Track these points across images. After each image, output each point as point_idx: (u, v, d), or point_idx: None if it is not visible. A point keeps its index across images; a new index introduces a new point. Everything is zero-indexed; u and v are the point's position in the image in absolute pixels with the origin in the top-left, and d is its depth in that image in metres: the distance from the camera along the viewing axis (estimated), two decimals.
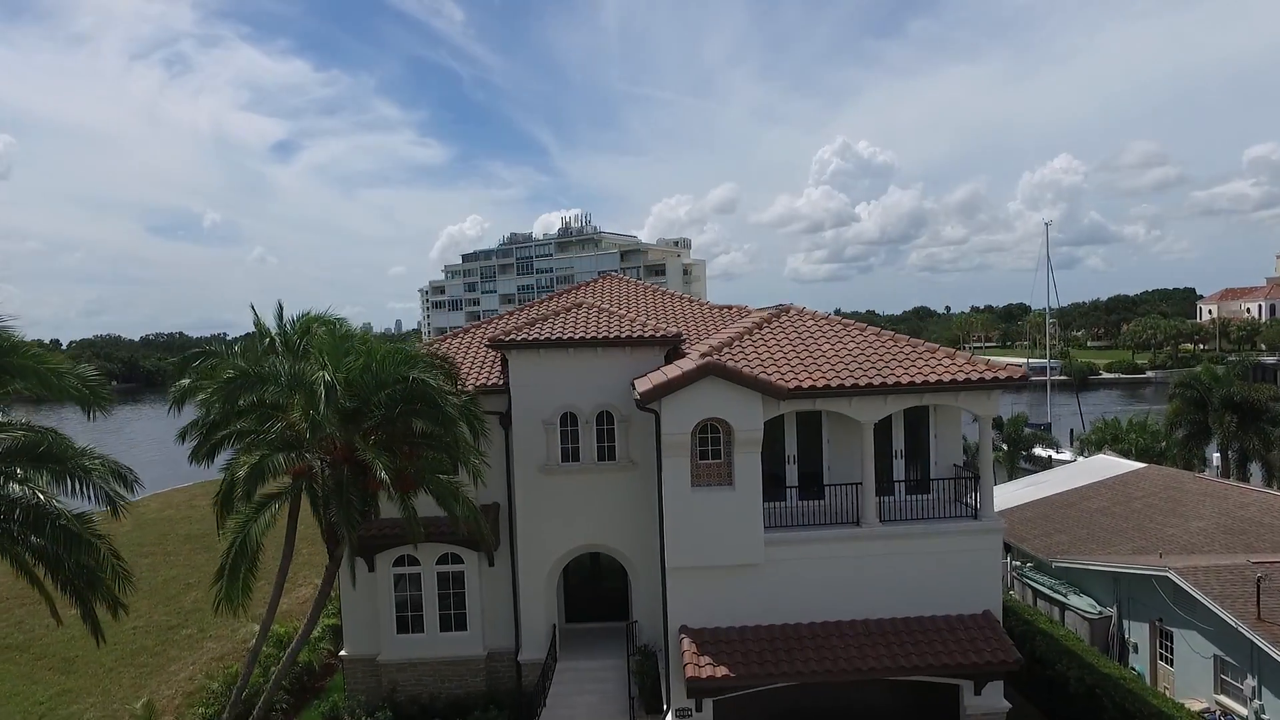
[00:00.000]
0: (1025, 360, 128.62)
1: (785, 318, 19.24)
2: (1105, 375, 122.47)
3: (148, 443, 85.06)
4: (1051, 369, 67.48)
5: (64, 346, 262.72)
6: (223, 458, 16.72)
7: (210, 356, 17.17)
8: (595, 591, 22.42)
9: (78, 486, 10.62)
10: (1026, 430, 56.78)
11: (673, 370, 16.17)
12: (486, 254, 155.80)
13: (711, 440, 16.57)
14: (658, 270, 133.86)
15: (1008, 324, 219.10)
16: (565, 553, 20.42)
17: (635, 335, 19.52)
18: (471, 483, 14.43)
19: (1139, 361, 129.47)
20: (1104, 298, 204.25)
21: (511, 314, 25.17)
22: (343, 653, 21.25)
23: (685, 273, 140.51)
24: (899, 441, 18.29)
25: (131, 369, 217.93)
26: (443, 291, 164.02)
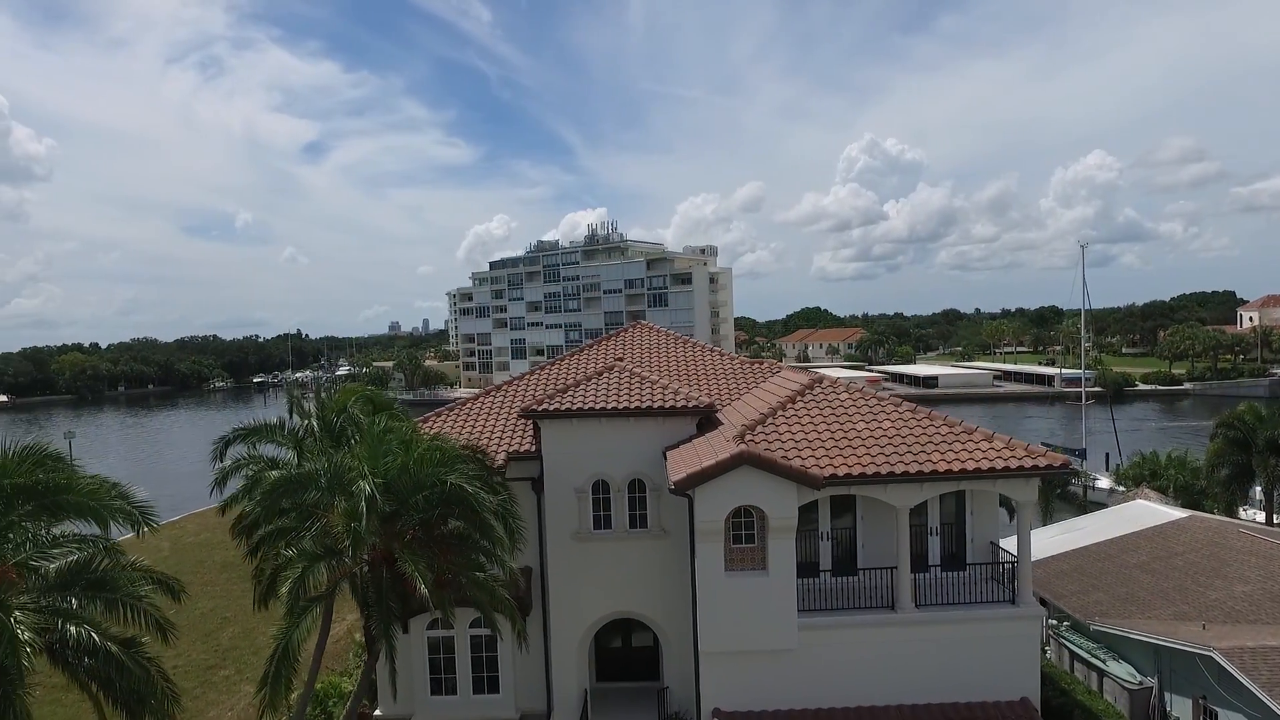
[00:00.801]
0: (1058, 370, 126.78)
1: (818, 389, 19.10)
2: (1141, 386, 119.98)
3: (186, 449, 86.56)
4: (1085, 379, 65.87)
5: (103, 347, 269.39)
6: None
7: (252, 435, 17.48)
8: (627, 651, 22.49)
9: (129, 614, 10.83)
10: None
11: (707, 459, 16.12)
12: (514, 261, 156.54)
13: (745, 524, 16.51)
14: (684, 279, 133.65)
15: (1039, 328, 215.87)
16: (598, 618, 20.50)
17: (667, 406, 19.52)
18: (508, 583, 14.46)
19: (1176, 372, 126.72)
20: (1140, 300, 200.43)
21: (544, 369, 25.28)
22: (377, 713, 21.51)
23: (711, 281, 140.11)
24: (934, 518, 18.11)
25: (167, 372, 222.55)
26: (470, 298, 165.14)
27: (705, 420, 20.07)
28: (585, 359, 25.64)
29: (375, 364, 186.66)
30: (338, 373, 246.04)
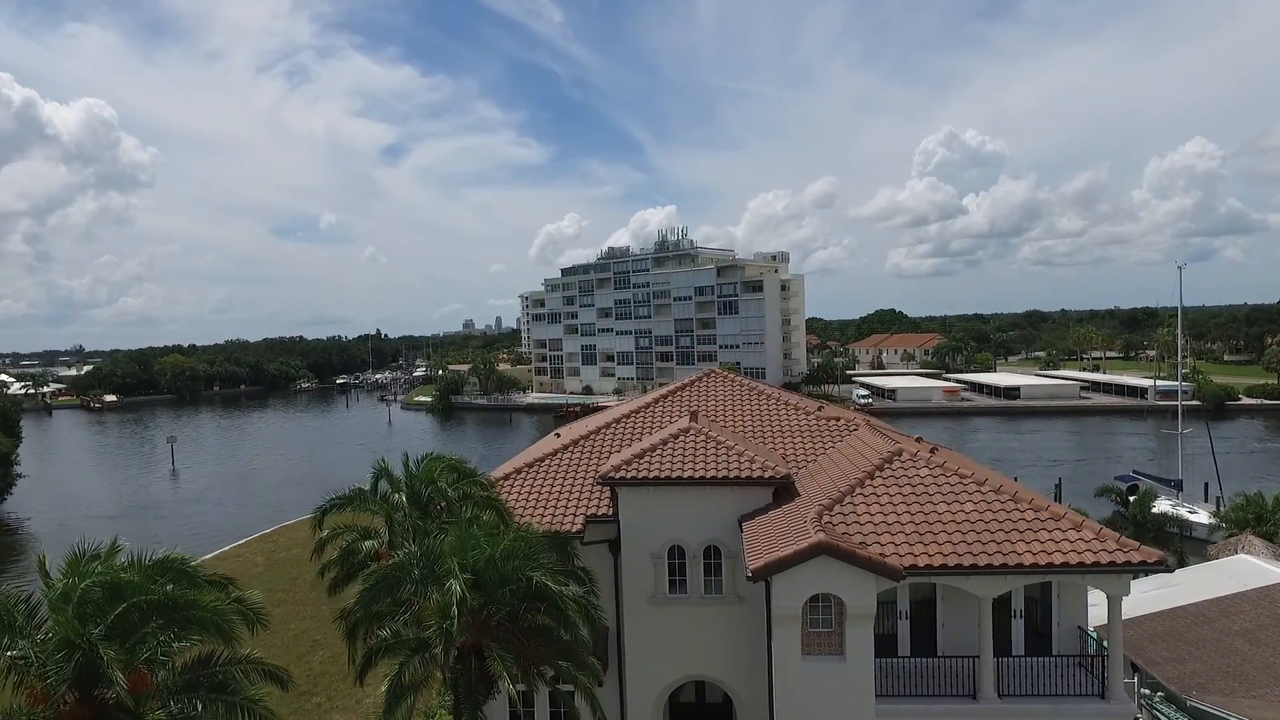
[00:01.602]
0: (1153, 381, 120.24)
1: (897, 464, 18.85)
2: (1245, 400, 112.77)
3: (277, 454, 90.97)
4: (1181, 409, 62.14)
5: (199, 345, 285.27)
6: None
7: (344, 503, 18.41)
8: (700, 706, 22.73)
9: (246, 716, 11.65)
10: (1149, 485, 53.01)
11: (784, 541, 16.16)
12: (585, 268, 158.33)
13: (823, 609, 16.48)
14: (755, 286, 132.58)
15: (1131, 331, 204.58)
16: (672, 681, 20.74)
17: (744, 476, 19.59)
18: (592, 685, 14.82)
19: None
20: (1244, 298, 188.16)
21: (620, 419, 25.56)
22: None
23: (783, 288, 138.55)
24: (1018, 600, 17.66)
25: (258, 372, 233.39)
26: (542, 304, 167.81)
27: (781, 489, 20.06)
28: (660, 410, 25.90)
29: (451, 367, 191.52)
30: (415, 374, 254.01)
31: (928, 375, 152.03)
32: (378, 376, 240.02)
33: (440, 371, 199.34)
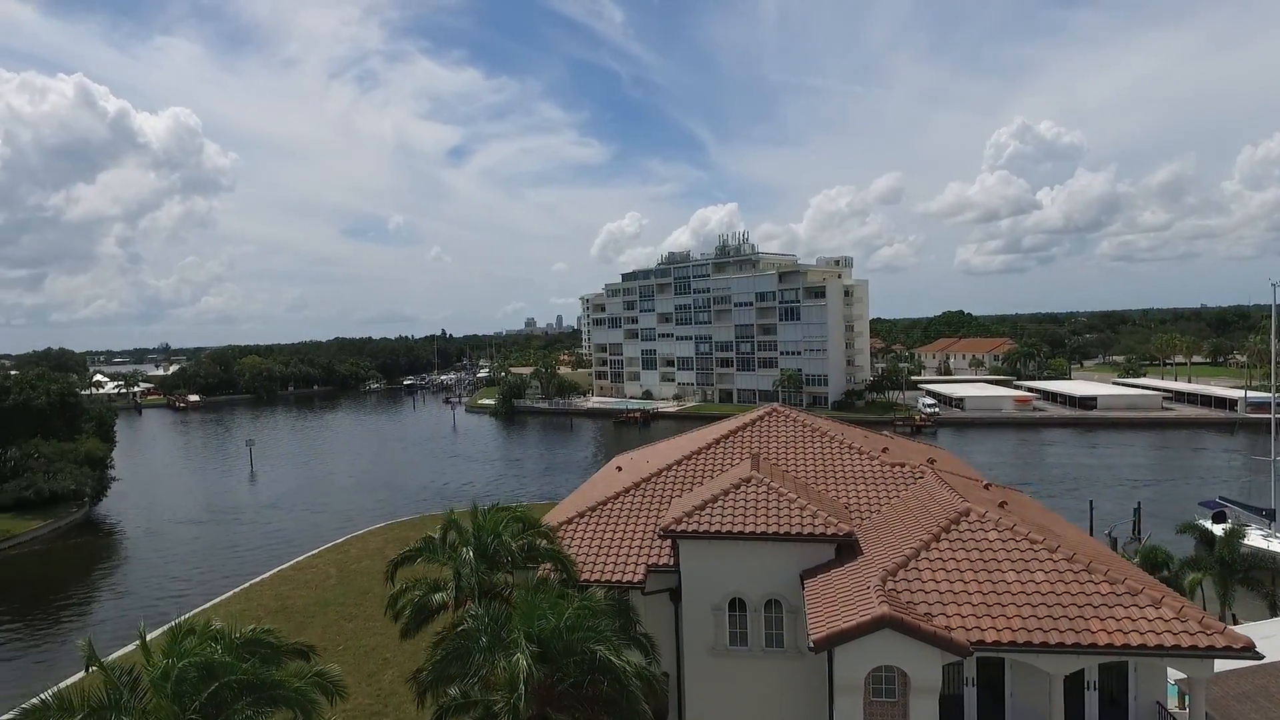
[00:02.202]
0: (1244, 391, 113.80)
1: (964, 525, 18.48)
2: None
3: (349, 457, 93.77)
4: (1277, 406, 57.58)
5: (274, 343, 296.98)
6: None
7: (415, 555, 19.09)
8: None
9: None
10: (1238, 514, 50.27)
11: (846, 609, 16.06)
12: (645, 274, 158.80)
13: (886, 678, 16.32)
14: (817, 292, 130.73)
15: (1219, 334, 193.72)
16: None
17: (806, 532, 19.51)
18: None
19: None
20: None
21: (682, 462, 25.70)
22: None
23: (846, 294, 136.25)
24: (1092, 673, 17.12)
25: (329, 373, 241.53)
26: (603, 309, 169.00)
27: (844, 546, 19.90)
28: (721, 452, 25.95)
29: (513, 369, 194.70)
30: (478, 374, 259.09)
31: (998, 382, 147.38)
32: (443, 378, 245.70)
33: (503, 374, 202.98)
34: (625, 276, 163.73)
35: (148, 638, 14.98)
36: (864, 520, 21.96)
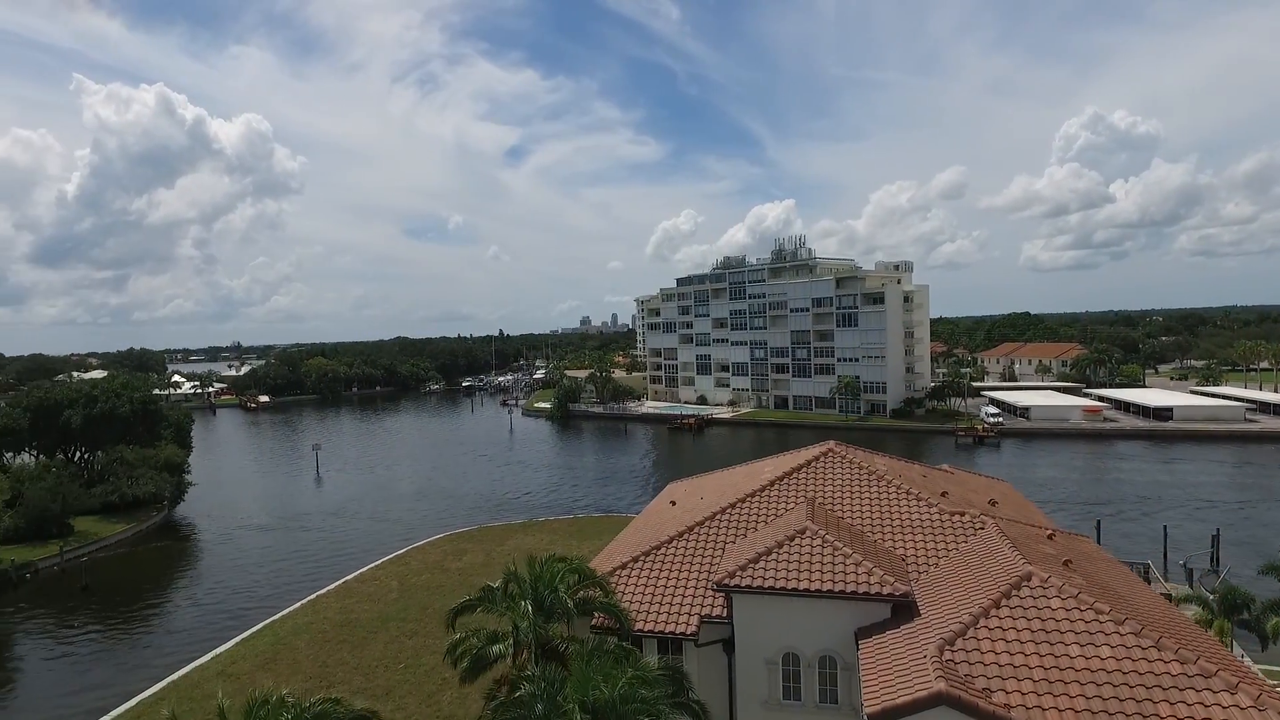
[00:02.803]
0: None
1: (1026, 592, 18.03)
2: None
3: (411, 461, 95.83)
4: None
5: (339, 341, 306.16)
6: None
7: (475, 604, 19.58)
8: None
9: None
10: None
11: (904, 693, 15.86)
12: (700, 278, 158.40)
13: None
14: (875, 298, 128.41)
15: None
16: None
17: (861, 592, 19.33)
18: None
19: None
20: None
21: (735, 505, 25.69)
22: None
23: (905, 300, 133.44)
24: None
25: (391, 374, 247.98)
26: (657, 314, 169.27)
27: (900, 605, 19.63)
28: (776, 495, 25.83)
29: (568, 373, 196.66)
30: (535, 375, 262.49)
31: (1065, 390, 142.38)
32: (500, 379, 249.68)
33: (559, 376, 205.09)
34: (680, 281, 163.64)
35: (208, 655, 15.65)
36: (922, 574, 21.62)
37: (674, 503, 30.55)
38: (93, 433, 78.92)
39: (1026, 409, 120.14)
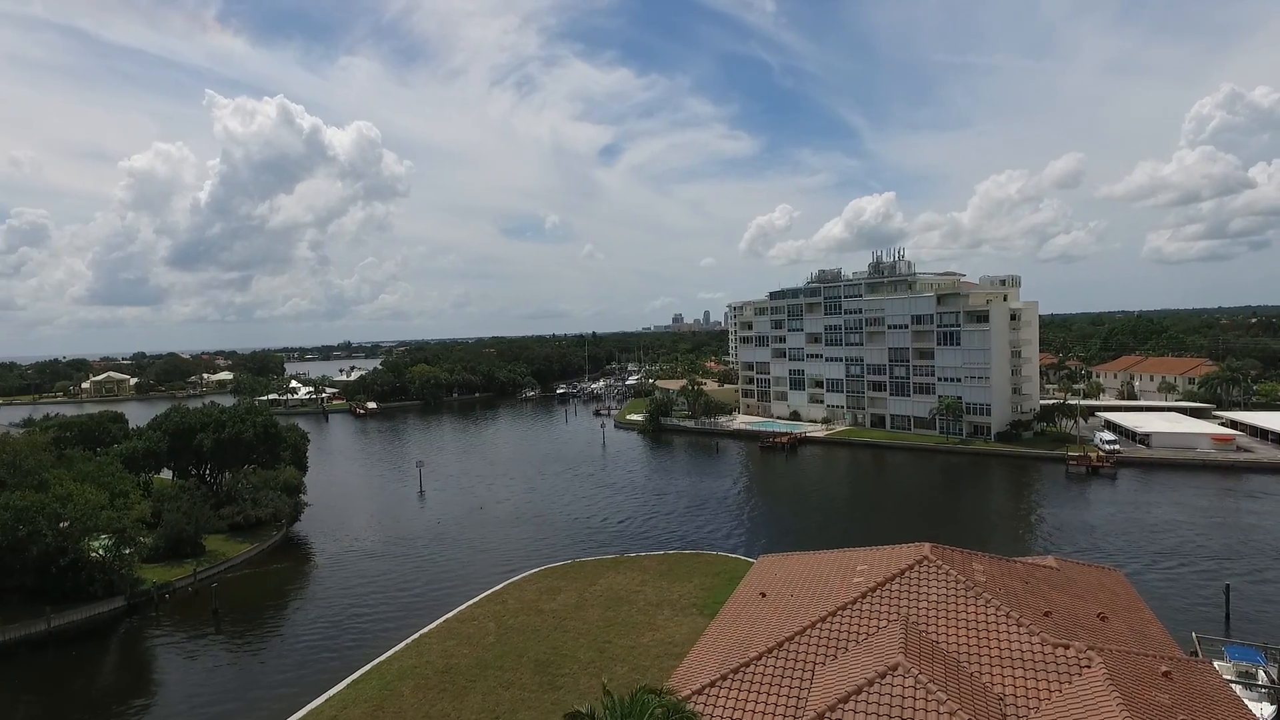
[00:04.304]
0: None
1: None
2: None
3: (508, 480, 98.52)
4: None
5: (440, 339, 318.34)
6: None
7: None
8: None
9: None
10: None
11: None
12: (793, 292, 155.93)
13: None
14: (979, 317, 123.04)
15: None
16: None
17: None
18: None
19: None
20: None
21: (820, 621, 25.42)
22: None
23: (1012, 318, 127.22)
24: None
25: (489, 380, 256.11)
26: (750, 327, 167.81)
27: None
28: (868, 610, 25.40)
29: (659, 383, 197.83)
30: (627, 381, 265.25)
31: (1192, 412, 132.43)
32: (593, 386, 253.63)
33: (651, 385, 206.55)
34: (773, 294, 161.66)
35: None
36: (1019, 718, 20.84)
37: (764, 594, 30.47)
38: (221, 455, 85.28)
39: (1147, 435, 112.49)
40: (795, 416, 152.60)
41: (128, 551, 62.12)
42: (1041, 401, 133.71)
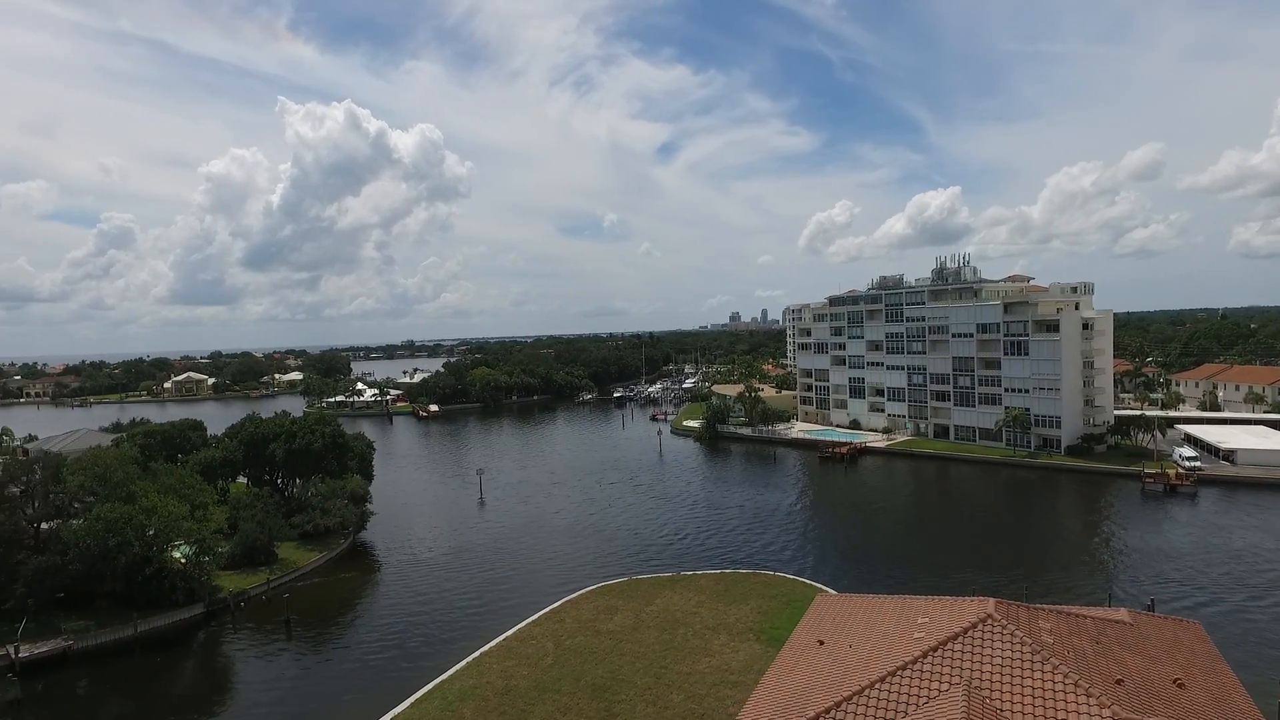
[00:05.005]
0: None
1: None
2: None
3: (566, 492, 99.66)
4: None
5: (500, 337, 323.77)
6: None
7: None
8: None
9: None
10: None
11: None
12: (853, 299, 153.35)
13: None
14: (1050, 326, 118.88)
15: None
16: None
17: None
18: None
19: None
20: None
21: (878, 682, 25.02)
22: None
23: (1085, 327, 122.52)
24: None
25: (547, 383, 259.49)
26: (809, 334, 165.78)
27: None
28: (927, 672, 24.91)
29: (716, 389, 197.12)
30: (684, 384, 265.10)
31: None
32: (650, 390, 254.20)
33: (708, 392, 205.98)
34: (832, 301, 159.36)
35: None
36: None
37: (821, 642, 30.19)
38: (292, 464, 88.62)
39: (1232, 451, 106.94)
40: (855, 425, 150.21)
41: (206, 560, 65.15)
42: (1116, 412, 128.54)
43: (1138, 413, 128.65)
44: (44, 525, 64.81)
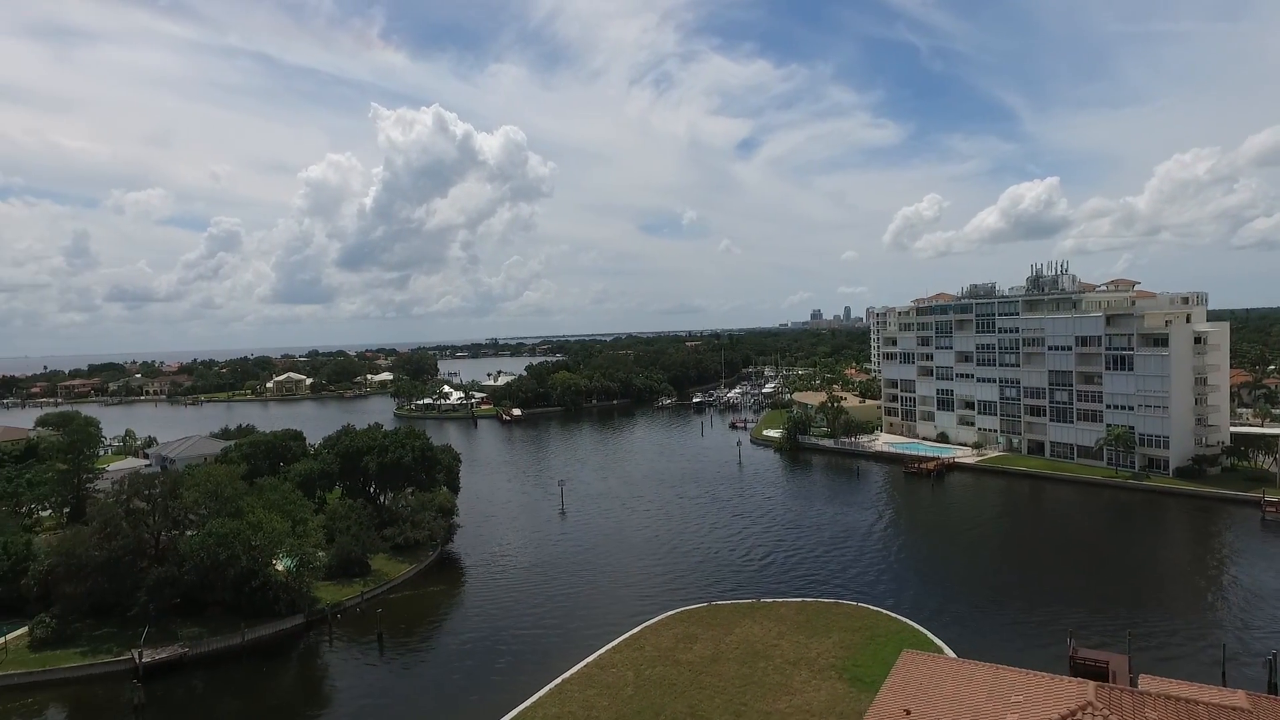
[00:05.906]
0: None
1: None
2: None
3: (645, 505, 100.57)
4: None
5: (580, 335, 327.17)
6: None
7: None
8: None
9: None
10: None
11: None
12: (942, 309, 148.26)
13: None
14: (1157, 340, 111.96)
15: None
16: None
17: None
18: None
19: None
20: None
21: None
22: None
23: (1197, 341, 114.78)
24: None
25: (627, 387, 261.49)
26: (894, 343, 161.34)
27: None
28: None
29: (797, 398, 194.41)
30: (763, 388, 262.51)
31: None
32: (729, 395, 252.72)
33: (788, 399, 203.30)
34: (919, 310, 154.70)
35: None
36: None
37: (908, 712, 29.49)
38: (384, 477, 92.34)
39: None
40: (943, 438, 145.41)
41: (306, 573, 68.70)
42: (1232, 428, 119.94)
43: (1258, 430, 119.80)
44: (162, 536, 69.66)
